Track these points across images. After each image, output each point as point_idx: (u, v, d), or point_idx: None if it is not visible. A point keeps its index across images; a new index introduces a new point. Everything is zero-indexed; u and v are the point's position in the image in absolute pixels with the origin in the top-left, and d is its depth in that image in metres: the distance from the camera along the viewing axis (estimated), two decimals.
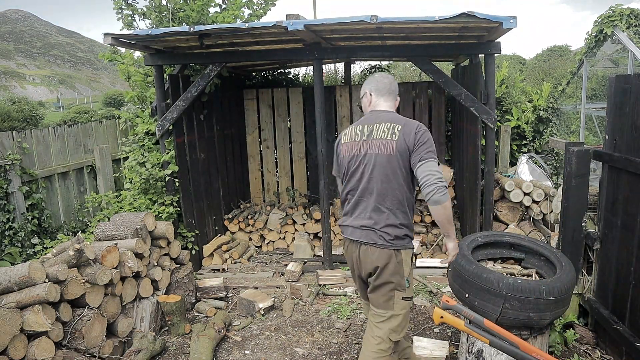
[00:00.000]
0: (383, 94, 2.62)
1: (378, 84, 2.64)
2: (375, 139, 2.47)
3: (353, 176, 2.54)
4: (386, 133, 2.45)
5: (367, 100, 2.67)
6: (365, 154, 2.49)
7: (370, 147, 2.47)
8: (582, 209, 3.48)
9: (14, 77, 51.21)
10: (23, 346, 2.83)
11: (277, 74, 7.47)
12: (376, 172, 2.45)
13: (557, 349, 3.27)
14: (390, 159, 2.41)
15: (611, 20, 8.41)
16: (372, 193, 2.46)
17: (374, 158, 2.45)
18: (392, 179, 2.42)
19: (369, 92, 2.66)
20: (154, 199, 4.76)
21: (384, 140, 2.44)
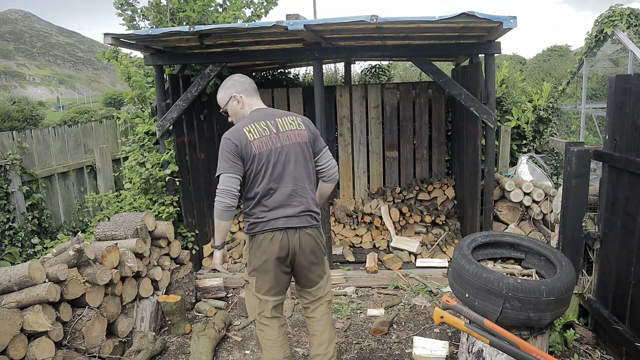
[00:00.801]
0: (252, 93, 2.78)
1: (244, 85, 2.77)
2: (286, 131, 2.66)
3: (275, 168, 2.61)
4: (293, 124, 2.69)
5: (239, 104, 2.74)
6: (282, 145, 2.63)
7: (286, 139, 2.64)
8: (582, 209, 3.48)
9: (14, 77, 51.23)
10: (23, 346, 2.83)
11: (277, 74, 7.47)
12: (298, 159, 2.66)
13: (557, 349, 3.27)
14: (304, 147, 2.68)
15: (611, 20, 8.42)
16: (299, 180, 2.66)
17: (294, 148, 2.65)
18: (308, 164, 2.71)
19: (238, 95, 2.73)
20: (154, 198, 4.76)
21: (296, 131, 2.68)
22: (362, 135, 6.53)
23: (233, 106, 2.76)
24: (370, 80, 7.78)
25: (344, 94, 6.49)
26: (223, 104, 2.78)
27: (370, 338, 3.75)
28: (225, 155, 2.55)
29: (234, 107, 2.76)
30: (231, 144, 2.56)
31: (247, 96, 2.75)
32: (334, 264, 4.95)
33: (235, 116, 2.80)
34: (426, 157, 6.49)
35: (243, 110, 2.76)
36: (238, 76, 2.81)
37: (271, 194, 2.62)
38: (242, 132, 2.60)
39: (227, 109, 2.79)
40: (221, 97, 2.78)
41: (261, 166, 2.59)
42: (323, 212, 4.80)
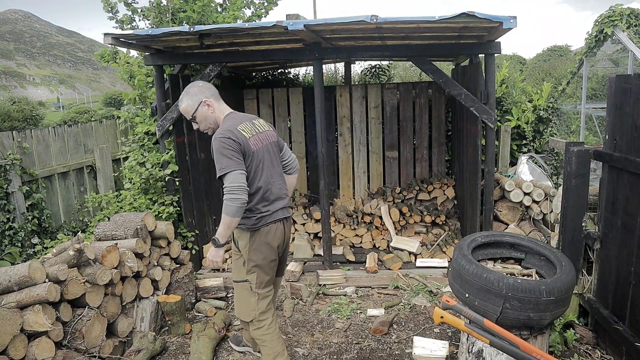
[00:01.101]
0: (219, 98, 2.86)
1: (210, 90, 2.82)
2: (264, 131, 2.87)
3: (265, 164, 2.79)
4: (266, 126, 2.92)
5: (209, 108, 2.79)
6: (265, 144, 2.82)
7: (265, 138, 2.85)
8: (582, 209, 3.48)
9: (14, 77, 51.23)
10: (23, 346, 2.83)
11: (277, 74, 7.47)
12: (274, 157, 2.89)
13: (557, 349, 3.27)
14: (275, 146, 2.91)
15: (611, 20, 8.42)
16: (280, 174, 2.93)
17: (270, 147, 2.87)
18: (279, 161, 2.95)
19: (208, 100, 2.77)
20: (154, 198, 4.75)
21: (269, 132, 2.90)
22: (362, 135, 6.53)
23: (203, 111, 2.78)
24: (370, 80, 7.78)
25: (344, 94, 6.49)
26: (192, 111, 2.77)
27: (370, 338, 3.75)
28: (229, 152, 2.58)
29: (204, 112, 2.78)
30: (232, 141, 2.60)
31: (216, 100, 2.80)
32: (334, 263, 4.95)
33: (205, 121, 2.81)
34: (426, 157, 6.49)
35: (214, 115, 2.80)
36: (202, 83, 2.84)
37: (270, 188, 2.78)
38: (238, 130, 2.66)
39: (197, 115, 2.79)
40: (188, 104, 2.76)
41: (259, 162, 2.73)
42: (323, 212, 4.80)
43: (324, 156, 4.65)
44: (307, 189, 6.86)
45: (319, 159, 4.72)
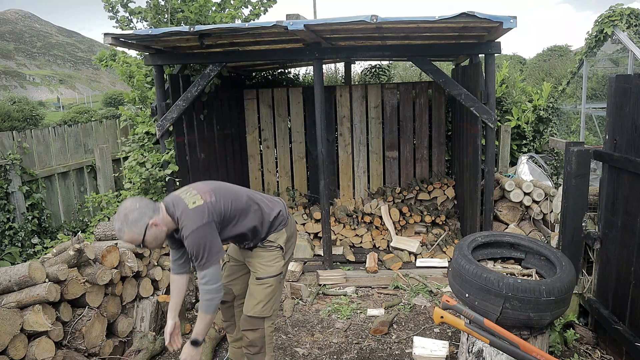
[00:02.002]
0: (155, 205, 2.50)
1: (149, 205, 2.44)
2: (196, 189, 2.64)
3: (238, 195, 2.73)
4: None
5: (159, 226, 2.42)
6: (213, 187, 2.69)
7: (204, 187, 2.67)
8: (582, 209, 3.48)
9: (14, 77, 51.23)
10: (23, 346, 2.83)
11: (277, 74, 7.47)
12: (229, 187, 2.82)
13: (557, 349, 3.27)
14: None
15: (611, 20, 8.41)
16: (244, 191, 2.88)
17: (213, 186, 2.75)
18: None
19: (154, 220, 2.39)
20: (154, 198, 4.76)
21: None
22: (362, 135, 6.53)
23: (152, 233, 2.40)
24: (370, 80, 7.78)
25: (344, 94, 6.49)
26: (139, 239, 2.38)
27: (370, 338, 3.75)
28: (210, 239, 2.43)
29: (154, 233, 2.41)
30: (209, 223, 2.44)
31: (157, 212, 2.44)
32: (334, 263, 4.95)
33: (156, 241, 2.45)
34: (426, 157, 6.49)
35: (165, 228, 2.47)
36: (137, 201, 2.41)
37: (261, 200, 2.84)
38: (201, 207, 2.47)
39: (147, 241, 2.41)
40: (134, 233, 2.35)
41: (232, 199, 2.64)
42: (323, 212, 4.80)
43: (324, 156, 4.65)
44: (307, 189, 6.86)
45: (319, 159, 4.72)
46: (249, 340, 2.80)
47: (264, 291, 2.79)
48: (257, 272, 2.80)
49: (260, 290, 2.79)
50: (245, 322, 2.80)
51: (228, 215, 2.59)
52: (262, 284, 2.78)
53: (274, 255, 2.82)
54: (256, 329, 2.78)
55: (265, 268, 2.79)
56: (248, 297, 2.84)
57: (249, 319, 2.79)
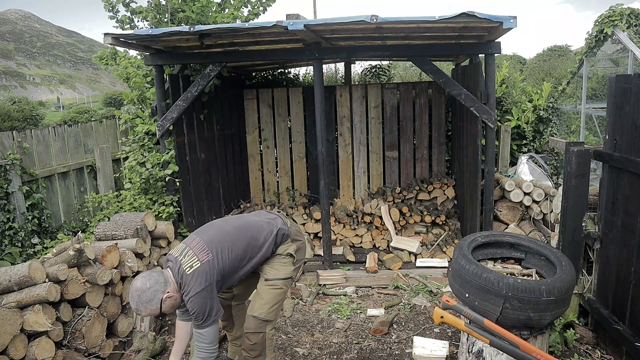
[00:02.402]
0: (166, 276, 2.55)
1: (159, 279, 2.51)
2: (194, 246, 2.66)
3: (234, 239, 2.74)
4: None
5: (173, 296, 2.52)
6: (209, 237, 2.69)
7: (198, 244, 2.66)
8: (582, 209, 3.47)
9: (14, 77, 51.23)
10: (23, 346, 2.83)
11: (277, 74, 7.47)
12: (224, 228, 2.82)
13: (557, 349, 3.27)
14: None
15: (611, 20, 8.41)
16: (234, 230, 2.82)
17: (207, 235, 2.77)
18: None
19: (168, 293, 2.48)
20: (154, 198, 4.76)
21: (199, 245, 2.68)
22: (362, 135, 6.53)
23: (168, 304, 2.52)
24: (370, 80, 7.78)
25: (344, 94, 6.49)
26: (158, 313, 2.50)
27: (370, 338, 3.75)
28: (211, 302, 2.53)
29: (170, 304, 2.53)
30: (208, 286, 2.51)
31: (169, 285, 2.51)
32: (334, 263, 4.95)
33: (173, 308, 2.58)
34: (426, 157, 6.49)
35: (178, 296, 2.55)
36: (146, 280, 2.47)
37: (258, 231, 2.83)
38: (198, 270, 2.51)
39: (165, 311, 2.53)
40: (151, 310, 2.47)
41: (231, 248, 2.67)
42: (323, 212, 4.79)
43: (324, 156, 4.65)
44: (307, 189, 6.86)
45: (319, 159, 4.72)
46: (251, 343, 2.80)
47: (271, 292, 2.82)
48: (267, 274, 2.85)
49: (268, 291, 2.82)
50: (250, 324, 2.82)
51: (228, 267, 2.64)
52: (270, 285, 2.82)
53: (284, 261, 2.88)
54: (259, 333, 2.80)
55: (275, 271, 2.84)
56: (256, 298, 2.86)
57: (254, 320, 2.80)
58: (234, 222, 2.85)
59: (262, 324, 2.80)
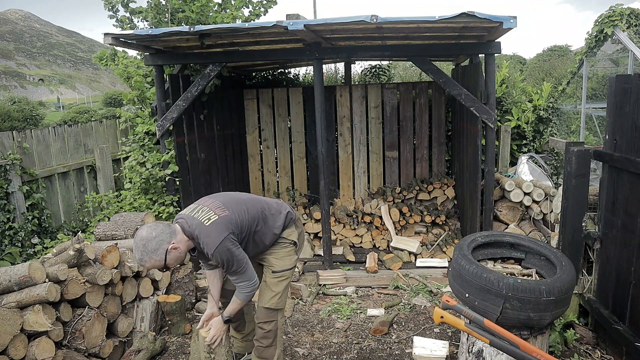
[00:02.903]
0: (173, 227, 2.57)
1: (165, 230, 2.50)
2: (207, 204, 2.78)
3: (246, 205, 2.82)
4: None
5: (178, 248, 2.50)
6: (224, 199, 2.84)
7: (213, 202, 2.80)
8: (582, 209, 3.47)
9: (14, 77, 51.24)
10: (23, 346, 2.83)
11: (277, 74, 7.47)
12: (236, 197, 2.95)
13: (557, 349, 3.27)
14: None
15: (611, 20, 8.41)
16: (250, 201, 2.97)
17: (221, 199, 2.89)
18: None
19: (174, 243, 2.47)
20: (154, 198, 4.76)
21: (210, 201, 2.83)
22: (362, 135, 6.53)
23: (173, 256, 2.49)
24: (370, 80, 7.78)
25: (344, 94, 6.49)
26: (161, 265, 2.46)
27: (370, 338, 3.75)
28: (235, 250, 2.56)
29: (175, 255, 2.49)
30: (229, 235, 2.53)
31: (175, 234, 2.51)
32: (334, 263, 4.95)
33: (177, 261, 2.54)
34: (426, 157, 6.49)
35: (184, 248, 2.54)
36: (152, 229, 2.45)
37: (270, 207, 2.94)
38: (217, 222, 2.55)
39: (169, 264, 2.49)
40: (155, 261, 2.43)
41: (254, 205, 2.83)
42: (323, 212, 4.80)
43: (324, 156, 4.65)
44: (307, 189, 6.86)
45: (319, 159, 4.72)
46: (264, 331, 2.89)
47: (280, 284, 2.92)
48: (274, 266, 2.91)
49: (277, 283, 2.91)
50: (262, 314, 2.90)
51: (246, 227, 2.68)
52: (278, 277, 2.90)
53: (288, 250, 2.96)
54: (272, 321, 2.90)
55: (281, 262, 2.92)
56: (264, 290, 2.92)
57: (266, 311, 2.89)
58: (244, 194, 2.99)
59: (273, 313, 2.90)
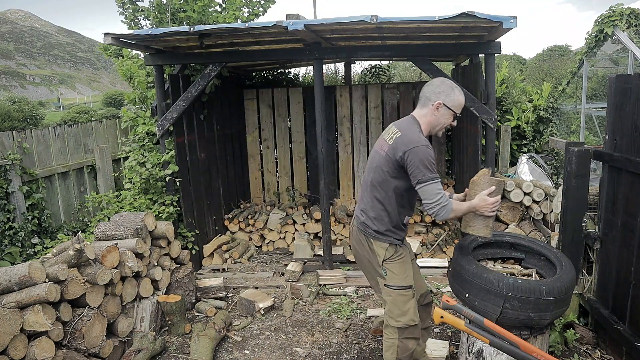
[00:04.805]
0: (420, 99, 2.66)
1: (423, 90, 2.63)
2: (383, 139, 2.69)
3: (366, 168, 2.80)
4: (390, 136, 2.63)
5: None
6: (374, 151, 2.73)
7: (378, 145, 2.71)
8: (582, 209, 3.47)
9: (14, 77, 51.24)
10: (23, 346, 2.83)
11: (277, 73, 7.47)
12: (371, 167, 2.72)
13: (557, 349, 3.27)
14: (382, 161, 2.63)
15: (611, 20, 8.41)
16: (367, 185, 2.74)
17: (375, 155, 2.72)
18: (378, 177, 2.65)
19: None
20: (154, 198, 4.75)
21: (385, 143, 2.64)
22: (362, 135, 6.53)
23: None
24: (370, 80, 7.78)
25: (344, 94, 6.49)
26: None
27: (370, 338, 3.75)
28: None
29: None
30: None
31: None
32: (334, 263, 4.95)
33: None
34: None
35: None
36: (437, 79, 2.62)
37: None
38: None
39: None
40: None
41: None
42: (323, 212, 4.78)
43: (324, 156, 4.65)
44: (307, 189, 6.87)
45: (319, 159, 4.72)
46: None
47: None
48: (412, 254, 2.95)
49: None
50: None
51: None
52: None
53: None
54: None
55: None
56: (420, 278, 3.00)
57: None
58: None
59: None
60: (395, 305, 2.71)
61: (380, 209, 2.66)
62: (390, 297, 2.72)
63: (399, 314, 2.70)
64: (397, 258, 2.72)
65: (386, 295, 2.74)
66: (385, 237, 2.68)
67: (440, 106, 2.56)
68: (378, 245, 2.70)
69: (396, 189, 2.61)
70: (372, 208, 2.68)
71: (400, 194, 2.63)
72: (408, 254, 2.83)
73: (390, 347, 2.76)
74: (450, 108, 2.57)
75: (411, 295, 2.73)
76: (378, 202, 2.66)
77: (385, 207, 2.65)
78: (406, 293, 2.71)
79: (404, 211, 2.70)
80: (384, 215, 2.66)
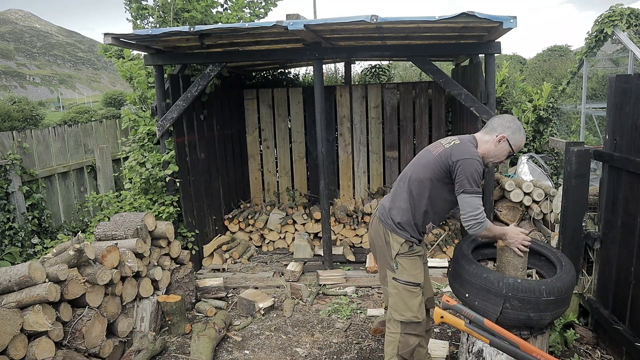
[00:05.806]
0: (486, 126, 2.72)
1: (493, 119, 2.69)
2: (440, 142, 2.70)
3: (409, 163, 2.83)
4: (448, 142, 2.65)
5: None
6: (426, 149, 2.75)
7: (432, 146, 2.72)
8: (582, 209, 3.47)
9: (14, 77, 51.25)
10: (23, 346, 2.83)
11: (277, 74, 7.47)
12: (417, 163, 2.73)
13: (557, 349, 3.27)
14: (431, 160, 2.63)
15: (611, 20, 8.42)
16: (406, 178, 2.73)
17: (425, 154, 2.72)
18: (421, 174, 2.65)
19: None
20: (154, 199, 4.75)
21: (441, 146, 2.65)
22: (362, 135, 6.53)
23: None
24: (370, 80, 7.78)
25: (344, 94, 6.49)
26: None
27: (370, 338, 3.75)
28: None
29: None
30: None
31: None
32: (334, 263, 4.95)
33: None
34: None
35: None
36: (508, 117, 2.67)
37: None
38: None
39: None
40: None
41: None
42: (323, 212, 4.79)
43: (324, 156, 4.65)
44: (307, 189, 6.87)
45: (319, 159, 4.72)
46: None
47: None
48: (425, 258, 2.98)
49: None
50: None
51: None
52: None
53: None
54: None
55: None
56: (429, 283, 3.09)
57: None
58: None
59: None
60: (401, 299, 2.73)
61: (410, 203, 2.69)
62: (396, 291, 2.74)
63: (403, 309, 2.72)
64: (411, 255, 2.74)
65: (392, 288, 2.75)
66: (403, 232, 2.70)
67: (503, 140, 2.61)
68: (394, 238, 2.72)
69: (432, 191, 2.65)
70: (403, 200, 2.71)
71: (434, 200, 2.67)
72: (422, 255, 2.86)
73: (391, 342, 2.77)
74: (511, 145, 2.63)
75: (418, 293, 2.75)
76: (410, 197, 2.69)
77: (414, 203, 2.69)
78: (413, 289, 2.72)
79: (430, 217, 2.72)
80: (410, 210, 2.69)
